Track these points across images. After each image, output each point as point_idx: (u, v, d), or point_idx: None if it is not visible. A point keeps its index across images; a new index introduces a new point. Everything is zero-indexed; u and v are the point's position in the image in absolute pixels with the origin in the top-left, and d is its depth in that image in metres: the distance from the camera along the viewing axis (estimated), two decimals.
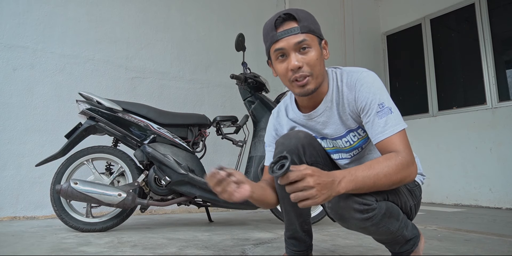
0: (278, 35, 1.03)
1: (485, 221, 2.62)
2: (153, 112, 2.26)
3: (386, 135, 0.99)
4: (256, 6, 4.01)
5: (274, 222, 2.55)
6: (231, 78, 2.26)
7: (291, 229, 1.23)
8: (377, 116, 1.01)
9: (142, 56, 3.28)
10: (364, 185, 0.90)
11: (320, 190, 0.82)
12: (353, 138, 1.13)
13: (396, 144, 0.98)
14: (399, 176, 0.94)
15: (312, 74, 1.03)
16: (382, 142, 1.00)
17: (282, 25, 1.04)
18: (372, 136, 1.02)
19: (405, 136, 1.00)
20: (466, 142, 3.85)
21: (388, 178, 0.92)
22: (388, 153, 0.97)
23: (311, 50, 1.03)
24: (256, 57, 3.79)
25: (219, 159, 3.47)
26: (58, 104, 2.83)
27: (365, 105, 1.03)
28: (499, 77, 3.76)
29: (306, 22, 1.04)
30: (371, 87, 1.04)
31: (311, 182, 0.81)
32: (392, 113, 1.01)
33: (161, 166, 2.12)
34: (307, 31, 1.03)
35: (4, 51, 2.68)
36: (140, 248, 1.58)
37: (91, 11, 3.07)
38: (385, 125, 1.00)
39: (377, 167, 0.91)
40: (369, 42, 5.03)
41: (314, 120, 1.15)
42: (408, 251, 1.12)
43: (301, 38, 1.01)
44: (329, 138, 1.17)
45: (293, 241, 1.25)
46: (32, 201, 2.64)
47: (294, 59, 1.01)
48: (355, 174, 0.89)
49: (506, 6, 3.76)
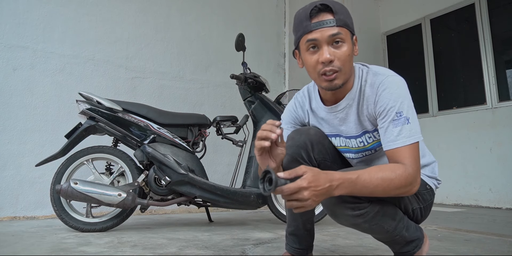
0: (313, 25, 0.99)
1: (485, 221, 2.62)
2: (153, 112, 2.26)
3: (396, 145, 0.97)
4: (256, 6, 4.01)
5: (274, 222, 2.55)
6: (231, 78, 2.26)
7: (293, 225, 1.22)
8: (392, 124, 0.99)
9: (142, 56, 3.28)
10: (360, 193, 0.90)
11: (314, 200, 0.82)
12: (368, 140, 1.11)
13: (404, 157, 0.95)
14: (397, 192, 0.93)
15: (341, 70, 1.00)
16: (391, 151, 0.98)
17: (318, 15, 0.99)
18: (384, 142, 1.01)
19: (416, 149, 0.97)
20: (466, 142, 3.85)
21: (386, 192, 0.91)
22: (395, 164, 0.95)
23: (344, 44, 1.00)
24: (256, 57, 3.80)
25: (219, 159, 3.47)
26: (58, 104, 2.83)
27: (383, 110, 1.01)
28: (499, 77, 3.76)
29: (342, 15, 1.00)
30: (393, 93, 1.01)
31: (306, 195, 0.80)
32: (409, 124, 0.98)
33: (161, 166, 2.12)
34: (343, 24, 0.99)
35: (4, 51, 2.68)
36: (140, 248, 1.58)
37: (91, 11, 3.07)
38: (398, 134, 0.97)
39: (379, 178, 0.90)
40: (369, 42, 5.03)
41: (334, 115, 1.14)
42: (410, 252, 1.11)
43: (336, 31, 0.98)
44: (343, 136, 1.15)
45: (294, 237, 1.23)
46: (32, 201, 2.64)
47: (326, 52, 0.98)
48: (354, 182, 0.87)
49: (506, 6, 3.76)
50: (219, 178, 3.35)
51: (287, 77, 4.07)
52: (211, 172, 3.13)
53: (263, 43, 3.93)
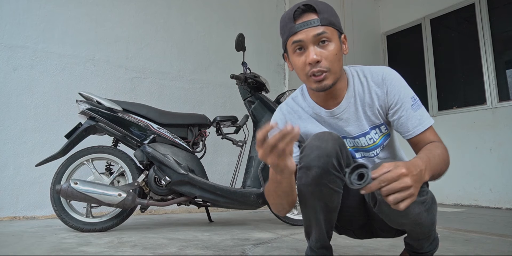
0: (297, 26, 0.98)
1: (485, 221, 2.62)
2: (153, 112, 2.26)
3: (425, 126, 1.00)
4: (256, 6, 4.01)
5: (274, 222, 2.55)
6: (231, 78, 2.26)
7: (321, 239, 1.07)
8: (412, 109, 1.02)
9: (142, 56, 3.28)
10: (435, 173, 0.88)
11: (416, 186, 0.76)
12: (375, 136, 1.09)
13: (434, 135, 1.01)
14: (448, 167, 0.94)
15: (330, 70, 0.98)
16: (421, 135, 1.00)
17: (301, 16, 0.98)
18: (409, 129, 1.02)
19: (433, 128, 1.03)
20: (466, 142, 3.85)
21: (447, 166, 0.92)
22: (432, 143, 0.97)
23: (330, 44, 0.98)
24: (256, 57, 3.80)
25: (219, 159, 3.47)
26: (58, 104, 2.83)
27: (398, 99, 1.03)
28: (499, 77, 3.76)
29: (327, 14, 0.99)
30: (401, 81, 1.05)
31: (409, 181, 0.74)
32: (422, 106, 1.04)
33: (161, 166, 2.12)
34: (327, 23, 0.98)
35: (4, 51, 2.68)
36: (140, 248, 1.58)
37: (91, 11, 3.07)
38: (420, 117, 1.01)
39: (439, 155, 0.91)
40: (369, 42, 5.03)
41: (337, 117, 1.10)
42: (432, 252, 1.10)
43: (320, 30, 0.96)
44: (349, 137, 1.12)
45: (324, 251, 1.10)
46: (32, 201, 2.64)
47: (312, 53, 0.96)
48: (431, 163, 0.85)
49: (506, 6, 3.76)
50: (219, 178, 3.35)
51: (287, 77, 4.07)
52: (211, 172, 3.13)
53: (263, 43, 3.93)
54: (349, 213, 1.13)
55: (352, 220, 1.16)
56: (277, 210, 1.06)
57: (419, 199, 0.89)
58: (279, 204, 1.02)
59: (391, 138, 1.12)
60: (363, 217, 1.14)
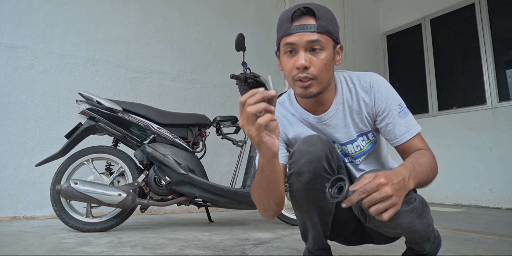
0: (293, 28, 0.95)
1: (485, 221, 2.62)
2: (153, 112, 2.26)
3: (412, 134, 1.00)
4: (256, 6, 4.01)
5: (274, 222, 2.55)
6: (231, 78, 2.26)
7: (319, 241, 1.08)
8: (399, 117, 1.01)
9: (142, 56, 3.28)
10: (420, 181, 0.86)
11: (398, 195, 0.75)
12: (362, 143, 1.09)
13: (421, 142, 1.00)
14: (435, 174, 0.93)
15: (316, 78, 0.96)
16: (408, 142, 1.00)
17: (299, 19, 0.95)
18: (396, 137, 1.01)
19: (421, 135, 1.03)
20: (466, 142, 3.85)
21: (432, 176, 0.91)
22: (419, 150, 0.97)
23: (322, 52, 0.95)
24: (256, 57, 3.79)
25: (219, 159, 3.47)
26: (58, 104, 2.83)
27: (386, 106, 1.02)
28: (499, 77, 3.76)
29: (325, 22, 0.96)
30: (389, 88, 1.04)
31: (389, 191, 0.73)
32: (410, 113, 1.03)
33: (161, 166, 2.12)
34: (324, 31, 0.95)
35: (4, 51, 2.68)
36: (140, 248, 1.58)
37: (91, 11, 3.07)
38: (407, 125, 1.01)
39: (425, 163, 0.89)
40: (369, 42, 5.03)
41: (325, 123, 1.09)
42: (435, 252, 1.10)
43: (315, 37, 0.94)
44: (338, 143, 1.11)
45: (322, 251, 1.11)
46: (32, 201, 2.64)
47: (302, 58, 0.94)
48: (415, 170, 0.84)
49: (506, 6, 3.76)
50: (219, 178, 3.35)
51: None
52: (211, 172, 3.13)
53: (263, 43, 3.93)
54: (341, 217, 1.11)
55: (344, 225, 1.14)
56: (264, 210, 1.00)
57: (408, 207, 0.86)
58: (264, 200, 0.96)
59: (377, 145, 1.12)
60: (355, 221, 1.12)
